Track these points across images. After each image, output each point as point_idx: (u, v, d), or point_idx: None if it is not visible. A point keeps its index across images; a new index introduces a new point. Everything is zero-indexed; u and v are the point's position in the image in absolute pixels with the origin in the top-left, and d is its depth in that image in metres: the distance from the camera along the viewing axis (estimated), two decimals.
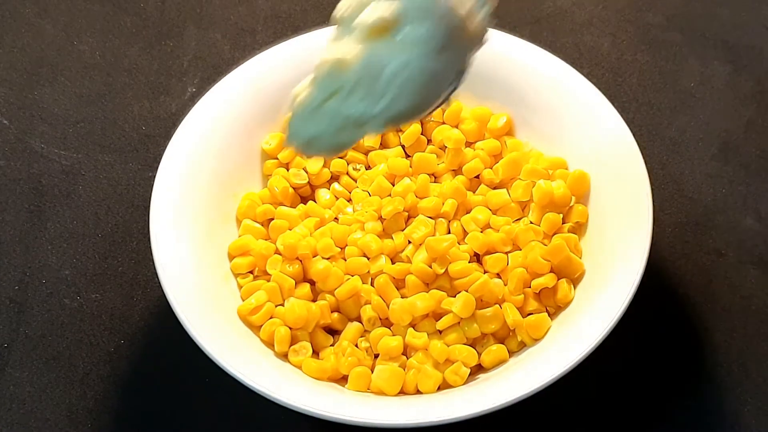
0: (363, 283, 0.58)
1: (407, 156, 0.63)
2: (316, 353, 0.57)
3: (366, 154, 0.63)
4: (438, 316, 0.57)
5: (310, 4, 0.76)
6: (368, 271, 0.58)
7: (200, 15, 0.76)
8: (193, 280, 0.56)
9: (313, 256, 0.58)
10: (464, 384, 0.55)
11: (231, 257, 0.59)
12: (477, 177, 0.62)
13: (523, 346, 0.56)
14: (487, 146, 0.62)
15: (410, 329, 0.56)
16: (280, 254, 0.59)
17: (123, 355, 0.61)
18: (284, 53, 0.64)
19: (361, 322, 0.57)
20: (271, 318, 0.57)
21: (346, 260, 0.59)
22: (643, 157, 0.58)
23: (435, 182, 0.62)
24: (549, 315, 0.57)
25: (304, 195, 0.62)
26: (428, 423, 0.51)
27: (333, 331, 0.58)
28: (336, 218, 0.61)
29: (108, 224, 0.66)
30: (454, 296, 0.56)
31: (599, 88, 0.61)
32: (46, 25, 0.76)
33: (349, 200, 0.62)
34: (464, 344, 0.56)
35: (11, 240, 0.65)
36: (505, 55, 0.63)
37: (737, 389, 0.58)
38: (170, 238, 0.57)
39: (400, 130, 0.63)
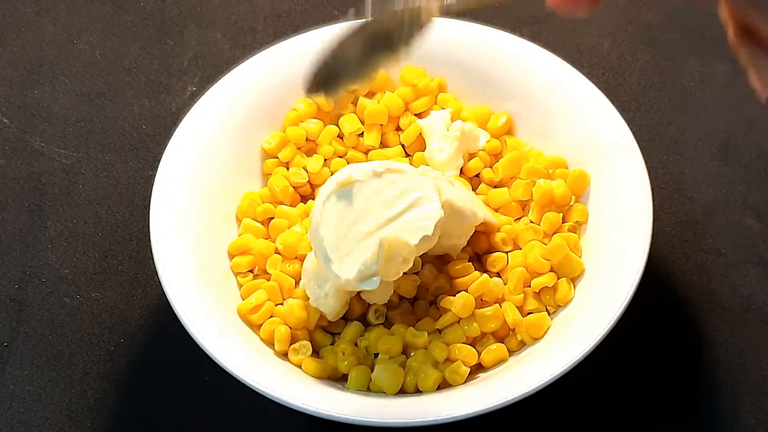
0: None
1: (407, 155, 0.63)
2: (315, 352, 0.57)
3: (366, 153, 0.63)
4: (438, 315, 0.57)
5: (310, 3, 0.76)
6: None
7: (200, 14, 0.76)
8: (193, 279, 0.56)
9: None
10: (464, 383, 0.55)
11: (231, 256, 0.59)
12: (477, 176, 0.62)
13: (523, 345, 0.56)
14: (487, 145, 0.62)
15: (410, 328, 0.56)
16: (280, 253, 0.59)
17: (123, 353, 0.61)
18: (284, 52, 0.64)
19: (360, 321, 0.57)
20: (271, 317, 0.57)
21: None
22: (643, 157, 0.58)
23: None
24: (549, 314, 0.57)
25: (304, 194, 0.62)
26: (428, 422, 0.51)
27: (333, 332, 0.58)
28: None
29: (108, 223, 0.66)
30: (454, 295, 0.56)
31: (599, 88, 0.61)
32: (46, 24, 0.76)
33: None
34: (464, 343, 0.56)
35: (11, 239, 0.65)
36: (505, 55, 0.63)
37: (737, 389, 0.58)
38: (170, 237, 0.57)
39: (400, 129, 0.64)
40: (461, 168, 0.62)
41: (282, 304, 0.57)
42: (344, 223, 0.53)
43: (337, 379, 0.56)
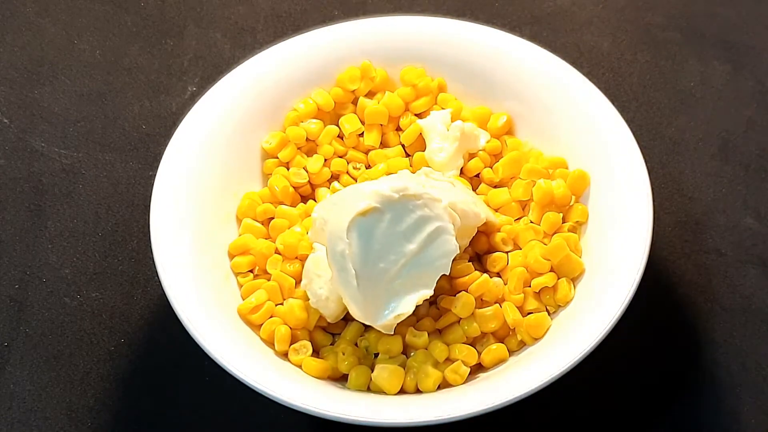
0: None
1: (407, 155, 0.63)
2: (315, 352, 0.57)
3: (366, 153, 0.63)
4: (438, 315, 0.57)
5: (310, 3, 0.76)
6: None
7: (200, 14, 0.76)
8: (193, 279, 0.56)
9: None
10: (464, 383, 0.55)
11: (231, 256, 0.59)
12: (477, 176, 0.62)
13: (523, 345, 0.56)
14: (487, 145, 0.62)
15: (410, 328, 0.56)
16: (280, 253, 0.59)
17: (123, 353, 0.61)
18: (284, 52, 0.64)
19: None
20: (271, 317, 0.57)
21: None
22: (643, 157, 0.58)
23: None
24: (549, 314, 0.57)
25: (305, 194, 0.62)
26: (428, 422, 0.51)
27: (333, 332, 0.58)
28: None
29: (108, 223, 0.66)
30: (454, 295, 0.56)
31: (599, 88, 0.61)
32: (47, 24, 0.76)
33: None
34: (464, 343, 0.56)
35: (11, 239, 0.65)
36: (505, 55, 0.63)
37: (737, 389, 0.58)
38: (170, 237, 0.57)
39: (400, 129, 0.64)
40: (461, 168, 0.62)
41: (282, 304, 0.57)
42: (369, 258, 0.53)
43: (337, 379, 0.56)
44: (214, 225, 0.59)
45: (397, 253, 0.53)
